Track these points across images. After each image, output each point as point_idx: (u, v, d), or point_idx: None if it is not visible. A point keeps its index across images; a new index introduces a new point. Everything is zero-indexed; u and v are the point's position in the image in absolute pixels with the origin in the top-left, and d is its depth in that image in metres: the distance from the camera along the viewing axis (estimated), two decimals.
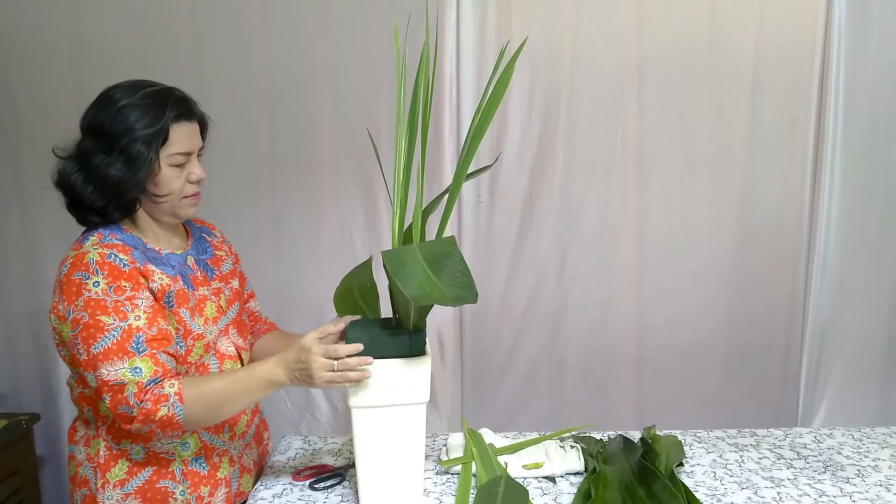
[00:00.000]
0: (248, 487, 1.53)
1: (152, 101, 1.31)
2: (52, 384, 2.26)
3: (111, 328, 1.25)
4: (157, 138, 1.30)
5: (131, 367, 1.25)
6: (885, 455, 1.63)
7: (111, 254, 1.29)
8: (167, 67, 2.04)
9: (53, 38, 2.09)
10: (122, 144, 1.29)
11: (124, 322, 1.26)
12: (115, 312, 1.26)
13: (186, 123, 1.35)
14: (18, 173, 2.16)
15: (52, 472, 2.31)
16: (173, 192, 1.35)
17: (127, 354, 1.25)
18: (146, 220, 1.39)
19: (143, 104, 1.30)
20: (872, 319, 2.25)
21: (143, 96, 1.31)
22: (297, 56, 2.10)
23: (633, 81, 2.14)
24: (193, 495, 1.40)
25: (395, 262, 1.24)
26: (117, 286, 1.27)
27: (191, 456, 1.40)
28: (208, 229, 1.59)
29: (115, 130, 1.30)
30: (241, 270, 1.62)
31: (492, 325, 2.26)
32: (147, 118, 1.30)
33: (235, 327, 1.51)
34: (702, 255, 2.23)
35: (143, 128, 1.29)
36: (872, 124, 2.15)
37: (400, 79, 1.38)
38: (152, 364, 1.26)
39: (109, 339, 1.25)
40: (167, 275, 1.36)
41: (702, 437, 1.73)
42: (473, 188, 2.19)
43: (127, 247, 1.32)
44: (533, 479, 1.53)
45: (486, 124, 1.35)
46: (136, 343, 1.26)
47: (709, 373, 2.28)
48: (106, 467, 1.37)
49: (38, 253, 2.20)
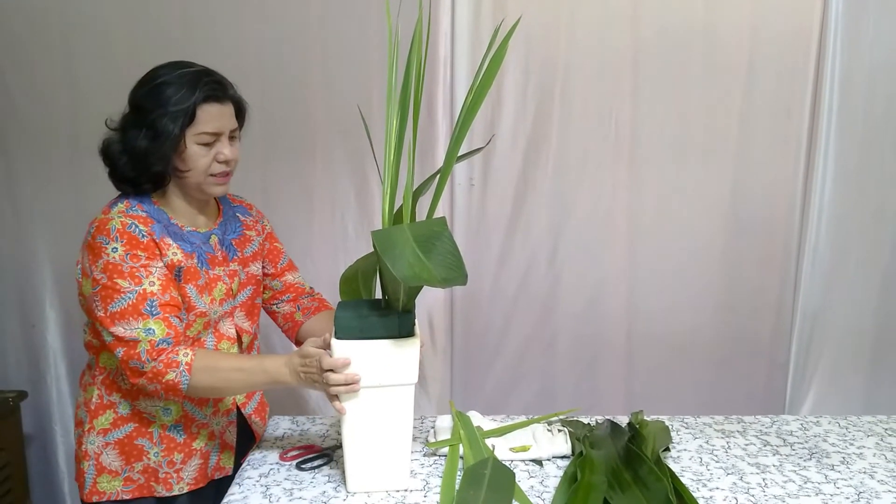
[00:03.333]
0: (229, 464, 1.56)
1: (185, 81, 1.36)
2: (39, 362, 2.25)
3: (127, 291, 1.34)
4: (184, 116, 1.35)
5: (145, 327, 1.33)
6: (870, 443, 1.64)
7: (132, 223, 1.36)
8: (157, 49, 2.00)
9: (44, 20, 2.07)
10: (151, 119, 1.35)
11: (139, 287, 1.34)
12: (130, 277, 1.34)
13: (217, 104, 1.39)
14: (7, 155, 2.15)
15: (39, 450, 2.30)
16: (197, 169, 1.39)
17: (141, 316, 1.34)
18: (175, 195, 1.45)
19: (177, 83, 1.36)
20: (862, 309, 2.26)
21: (181, 75, 1.37)
22: (288, 34, 2.08)
23: (627, 67, 2.13)
24: (166, 459, 1.48)
25: (384, 242, 1.23)
26: (133, 254, 1.35)
27: (171, 422, 1.47)
28: (245, 209, 1.63)
29: (148, 106, 1.36)
30: (277, 245, 1.66)
31: (483, 309, 2.26)
32: (178, 96, 1.35)
33: (244, 310, 1.56)
34: (693, 243, 2.23)
35: (173, 105, 1.34)
36: (866, 115, 2.15)
37: (392, 57, 1.36)
38: (165, 326, 1.35)
39: (125, 300, 1.34)
40: (183, 251, 1.42)
41: (689, 423, 1.73)
42: (466, 171, 2.18)
43: (150, 219, 1.39)
44: (520, 461, 1.53)
45: (478, 104, 1.34)
46: (150, 306, 1.34)
47: (698, 359, 2.29)
48: (95, 414, 1.46)
49: (25, 233, 2.19)
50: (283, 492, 1.41)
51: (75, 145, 2.11)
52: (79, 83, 2.09)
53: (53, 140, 2.13)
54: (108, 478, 1.46)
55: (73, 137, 2.11)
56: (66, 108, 2.11)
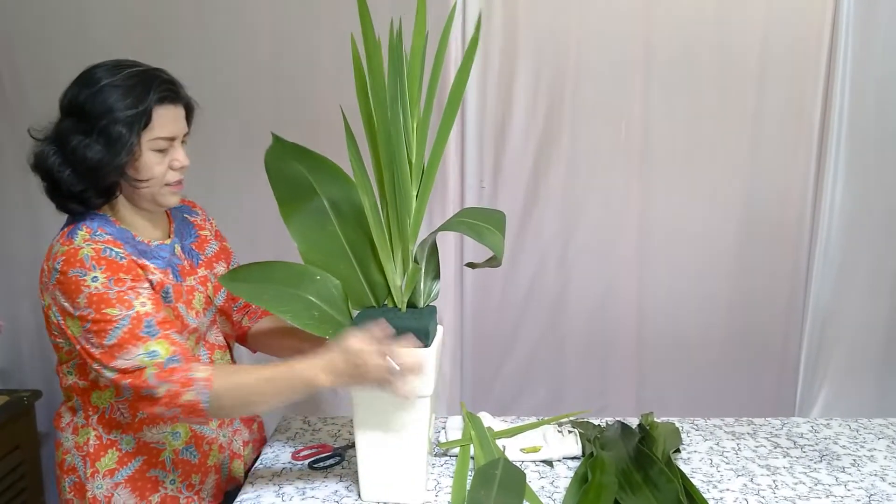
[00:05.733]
0: (240, 473, 1.52)
1: (136, 82, 1.26)
2: (53, 362, 2.25)
3: (119, 318, 1.22)
4: (139, 121, 1.24)
5: (147, 351, 1.22)
6: (881, 445, 1.64)
7: (105, 248, 1.26)
8: (159, 46, 2.04)
9: (57, 14, 2.08)
10: (101, 125, 1.24)
11: (131, 311, 1.23)
12: (119, 303, 1.23)
13: (171, 107, 1.29)
14: (21, 149, 2.15)
15: (53, 449, 2.31)
16: (155, 178, 1.30)
17: (140, 340, 1.22)
18: (127, 208, 1.34)
19: (125, 84, 1.25)
20: (873, 310, 2.26)
21: (127, 76, 1.26)
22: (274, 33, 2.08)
23: (639, 68, 2.13)
24: (184, 483, 1.41)
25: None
26: (116, 279, 1.24)
27: (181, 445, 1.40)
28: (189, 208, 1.53)
29: (94, 111, 1.24)
30: (226, 245, 1.56)
31: (493, 310, 2.27)
32: (129, 99, 1.24)
33: (223, 315, 1.50)
34: (704, 244, 2.23)
35: (125, 109, 1.24)
36: (878, 116, 2.15)
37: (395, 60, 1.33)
38: (168, 344, 1.24)
39: (120, 329, 1.22)
40: (158, 268, 1.34)
41: (699, 425, 1.74)
42: (477, 173, 2.19)
43: (118, 241, 1.29)
44: (530, 462, 1.54)
45: (461, 86, 1.32)
46: (148, 327, 1.23)
47: (708, 361, 2.29)
48: (96, 457, 1.36)
49: (41, 230, 2.18)
50: (296, 491, 1.42)
51: None
52: None
53: None
54: None
55: None
56: None
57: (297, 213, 1.38)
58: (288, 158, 1.36)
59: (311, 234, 1.39)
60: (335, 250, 1.40)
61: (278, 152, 1.36)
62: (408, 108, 1.30)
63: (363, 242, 1.41)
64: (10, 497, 2.07)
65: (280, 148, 1.36)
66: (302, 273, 1.37)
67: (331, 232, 1.40)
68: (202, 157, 1.75)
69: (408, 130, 1.31)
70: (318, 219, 1.39)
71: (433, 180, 1.37)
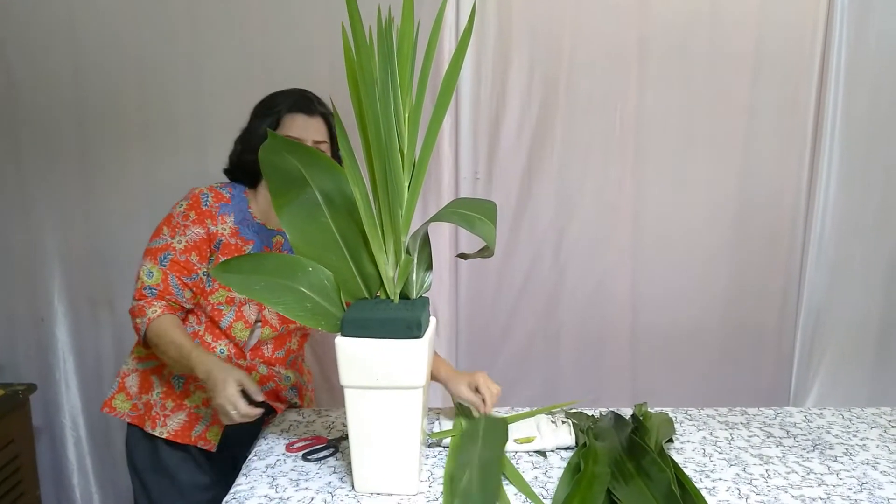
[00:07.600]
0: (214, 439, 1.64)
1: (284, 94, 1.60)
2: (48, 356, 2.27)
3: (162, 237, 1.57)
4: (268, 118, 1.57)
5: (149, 269, 1.56)
6: (873, 435, 1.64)
7: (207, 194, 1.60)
8: (162, 41, 2.03)
9: (51, 10, 2.08)
10: (249, 121, 1.62)
11: (172, 238, 1.57)
12: (169, 227, 1.58)
13: (301, 115, 1.58)
14: (16, 144, 2.16)
15: (48, 442, 2.33)
16: None
17: (154, 259, 1.56)
18: (263, 193, 1.64)
19: (277, 95, 1.60)
20: (866, 301, 2.27)
21: (282, 92, 1.61)
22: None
23: (633, 59, 2.13)
24: (160, 401, 1.63)
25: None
26: (186, 214, 1.58)
27: (177, 372, 1.63)
28: None
29: (254, 111, 1.63)
30: None
31: (488, 301, 2.27)
32: (271, 104, 1.59)
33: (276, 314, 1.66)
34: (698, 235, 2.24)
35: (264, 109, 1.60)
36: (872, 107, 2.15)
37: (385, 53, 1.35)
38: (160, 279, 1.55)
39: (157, 243, 1.57)
40: (242, 236, 1.61)
41: (693, 415, 1.74)
42: (471, 165, 2.19)
43: (225, 197, 1.61)
44: (524, 453, 1.55)
45: (454, 77, 1.32)
46: (164, 257, 1.56)
47: (703, 352, 2.30)
48: (137, 343, 1.68)
49: (35, 225, 2.20)
50: (290, 482, 1.42)
51: (83, 136, 2.13)
52: (83, 71, 2.10)
53: (61, 132, 2.14)
54: (123, 397, 1.66)
55: (80, 128, 2.13)
56: (73, 99, 2.12)
57: (290, 205, 1.37)
58: (282, 152, 1.36)
59: (303, 226, 1.39)
60: (327, 242, 1.40)
61: (273, 147, 1.36)
62: (399, 98, 1.29)
63: (355, 234, 1.40)
64: (5, 490, 2.07)
65: (274, 143, 1.36)
66: (294, 264, 1.36)
67: (323, 223, 1.39)
68: (192, 147, 1.76)
69: (399, 120, 1.31)
70: (311, 210, 1.39)
71: (425, 171, 1.36)
